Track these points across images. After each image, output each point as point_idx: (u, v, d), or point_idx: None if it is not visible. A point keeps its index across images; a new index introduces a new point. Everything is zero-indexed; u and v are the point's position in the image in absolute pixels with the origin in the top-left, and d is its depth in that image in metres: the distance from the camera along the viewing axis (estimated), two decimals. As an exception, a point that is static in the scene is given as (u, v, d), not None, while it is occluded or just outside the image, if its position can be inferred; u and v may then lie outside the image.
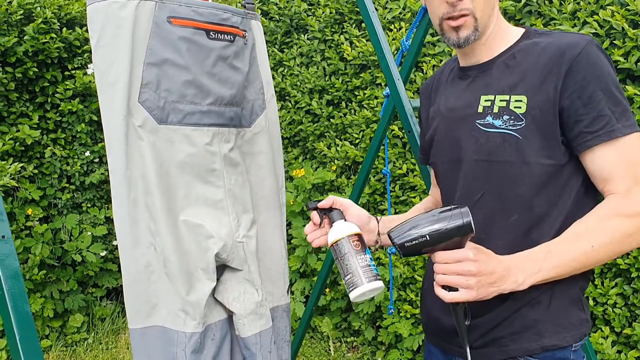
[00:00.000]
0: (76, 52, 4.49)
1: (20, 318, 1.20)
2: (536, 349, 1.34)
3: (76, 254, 4.40)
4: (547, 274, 1.25)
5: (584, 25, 3.02)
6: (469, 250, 1.23)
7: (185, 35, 1.54)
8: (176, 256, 1.52)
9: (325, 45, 4.45)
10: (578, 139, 1.29)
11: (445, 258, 1.23)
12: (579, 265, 1.26)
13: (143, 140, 1.50)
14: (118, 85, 1.47)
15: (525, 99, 1.33)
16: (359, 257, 1.38)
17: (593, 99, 1.27)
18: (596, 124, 1.27)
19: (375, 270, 1.37)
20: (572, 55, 1.29)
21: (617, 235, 1.25)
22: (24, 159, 4.33)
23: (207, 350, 1.58)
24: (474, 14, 1.38)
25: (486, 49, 1.45)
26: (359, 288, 1.34)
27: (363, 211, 1.57)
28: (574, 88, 1.28)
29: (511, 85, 1.37)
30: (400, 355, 3.89)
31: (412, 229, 1.24)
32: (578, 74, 1.28)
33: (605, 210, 1.27)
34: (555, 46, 1.33)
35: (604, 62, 1.30)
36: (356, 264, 1.37)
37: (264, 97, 1.79)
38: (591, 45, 1.30)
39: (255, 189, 1.75)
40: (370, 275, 1.35)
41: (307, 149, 4.66)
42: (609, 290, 3.04)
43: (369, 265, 1.37)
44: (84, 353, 4.33)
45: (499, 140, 1.35)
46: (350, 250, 1.38)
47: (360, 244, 1.40)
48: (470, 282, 1.21)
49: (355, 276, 1.35)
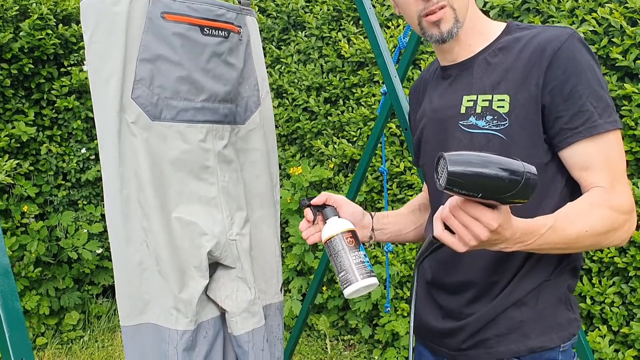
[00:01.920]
0: (72, 48, 4.48)
1: (10, 315, 1.18)
2: (523, 351, 1.32)
3: (72, 251, 4.39)
4: (533, 247, 1.18)
5: (582, 22, 3.01)
6: (494, 218, 1.05)
7: (179, 31, 1.53)
8: (169, 253, 1.51)
9: (323, 43, 4.44)
10: (559, 135, 1.26)
11: (469, 210, 1.06)
12: (565, 247, 1.21)
13: (136, 137, 1.49)
14: (111, 81, 1.46)
15: (508, 98, 1.29)
16: (353, 254, 1.36)
17: (573, 95, 1.23)
18: (576, 120, 1.23)
19: (369, 267, 1.36)
20: (553, 50, 1.25)
21: (606, 225, 1.21)
22: (20, 155, 4.32)
23: (199, 347, 1.57)
24: (451, 5, 1.33)
25: (464, 45, 1.41)
26: (353, 285, 1.33)
27: (357, 207, 1.55)
28: (554, 84, 1.24)
29: (493, 84, 1.33)
30: (397, 353, 3.89)
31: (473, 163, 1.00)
32: (558, 69, 1.24)
33: (595, 199, 1.23)
34: (536, 42, 1.29)
35: (585, 56, 1.26)
36: (350, 260, 1.35)
37: (259, 93, 1.78)
38: (572, 39, 1.26)
39: (249, 187, 1.74)
40: (363, 272, 1.34)
41: (305, 146, 4.65)
42: (607, 289, 3.03)
43: (362, 262, 1.36)
44: (79, 351, 4.31)
45: (483, 141, 1.32)
46: (344, 247, 1.37)
47: (354, 240, 1.39)
48: (470, 242, 1.09)
49: (349, 273, 1.34)
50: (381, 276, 3.93)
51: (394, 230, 1.64)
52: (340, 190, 4.29)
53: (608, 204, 1.22)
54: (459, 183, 0.99)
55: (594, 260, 3.11)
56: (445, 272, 1.43)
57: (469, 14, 1.39)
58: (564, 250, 1.24)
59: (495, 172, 0.99)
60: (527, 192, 1.01)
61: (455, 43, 1.40)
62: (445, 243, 1.13)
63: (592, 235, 1.21)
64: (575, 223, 1.20)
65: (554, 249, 1.22)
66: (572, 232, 1.20)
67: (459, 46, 1.42)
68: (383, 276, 3.91)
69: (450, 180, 0.99)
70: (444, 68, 1.49)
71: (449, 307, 1.42)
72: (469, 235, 1.08)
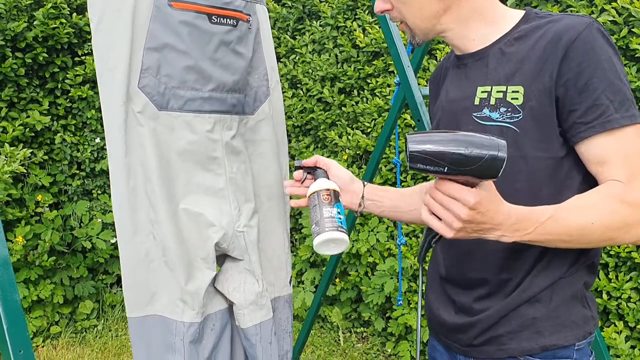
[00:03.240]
0: (86, 37, 4.48)
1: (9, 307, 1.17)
2: (535, 349, 1.29)
3: (86, 240, 4.41)
4: (535, 237, 1.16)
5: (602, 12, 2.95)
6: (471, 194, 1.08)
7: (186, 20, 1.50)
8: (176, 245, 1.50)
9: (338, 32, 4.40)
10: (572, 129, 1.21)
11: (445, 189, 1.11)
12: (570, 239, 1.18)
13: (143, 127, 1.47)
14: (117, 70, 1.44)
15: (522, 90, 1.25)
16: (325, 209, 1.41)
17: (588, 87, 1.18)
18: (590, 114, 1.18)
19: (340, 223, 1.38)
20: (569, 40, 1.20)
21: (617, 219, 1.17)
22: (34, 145, 4.34)
23: (206, 340, 1.56)
24: (405, 23, 1.39)
25: (466, 39, 1.39)
26: (319, 236, 1.37)
27: (346, 172, 1.58)
28: (569, 76, 1.19)
29: (507, 75, 1.29)
30: (410, 346, 3.87)
31: (433, 141, 1.07)
32: (573, 61, 1.19)
33: (609, 191, 1.18)
34: (553, 31, 1.24)
35: (603, 46, 1.20)
36: (321, 214, 1.40)
37: (268, 83, 1.75)
38: (590, 28, 1.20)
39: (257, 178, 1.71)
40: (331, 225, 1.37)
41: (318, 137, 4.63)
42: (623, 284, 2.99)
43: (332, 216, 1.39)
44: (93, 340, 4.34)
45: (496, 134, 1.26)
46: (320, 202, 1.42)
47: (330, 197, 1.43)
48: (454, 224, 1.11)
49: (319, 226, 1.38)
50: (395, 269, 3.91)
51: (390, 205, 1.62)
52: (354, 182, 4.26)
53: (621, 197, 1.17)
54: (421, 158, 1.07)
55: (610, 255, 3.06)
56: (459, 268, 1.41)
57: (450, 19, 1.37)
58: (571, 244, 1.20)
59: (456, 147, 1.05)
60: (493, 167, 1.05)
61: (449, 40, 1.42)
62: (432, 227, 1.16)
63: (599, 229, 1.17)
64: (579, 214, 1.17)
65: (558, 240, 1.18)
66: (574, 222, 1.16)
67: (457, 41, 1.40)
68: (396, 269, 3.89)
69: (411, 156, 1.07)
70: (458, 57, 1.45)
71: (462, 302, 1.39)
72: (450, 216, 1.11)
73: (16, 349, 1.15)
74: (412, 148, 1.07)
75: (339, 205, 1.43)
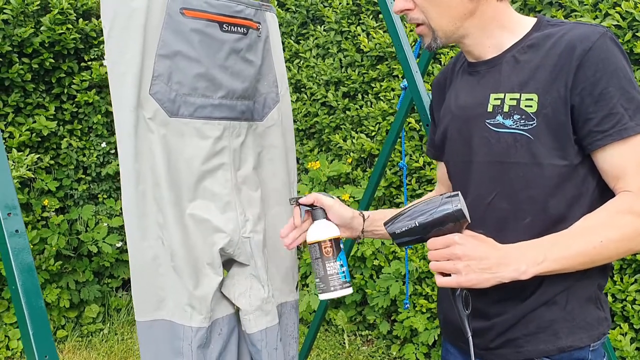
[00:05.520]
0: (92, 43, 4.50)
1: (34, 313, 1.19)
2: (552, 350, 1.31)
3: (92, 244, 4.42)
4: (552, 265, 1.20)
5: (606, 17, 2.96)
6: (455, 234, 1.22)
7: (197, 27, 1.52)
8: (183, 250, 1.51)
9: (342, 37, 4.42)
10: (588, 138, 1.24)
11: (434, 244, 1.24)
12: (586, 260, 1.21)
13: (153, 133, 1.49)
14: (129, 77, 1.45)
15: (536, 98, 1.27)
16: (328, 264, 1.42)
17: (604, 96, 1.21)
18: (607, 123, 1.21)
19: (343, 278, 1.42)
20: (584, 49, 1.22)
21: (629, 232, 1.20)
22: (41, 150, 4.35)
23: (213, 345, 1.57)
24: (428, 24, 1.37)
25: (481, 46, 1.39)
26: (325, 294, 1.42)
27: (346, 210, 1.53)
28: (584, 85, 1.22)
29: (521, 83, 1.30)
30: (416, 349, 3.87)
31: (403, 218, 1.27)
32: (589, 70, 1.21)
33: (618, 206, 1.22)
34: (566, 40, 1.26)
35: (617, 56, 1.23)
36: (325, 270, 1.42)
37: (278, 90, 1.76)
38: (604, 38, 1.23)
39: (266, 183, 1.73)
40: (336, 283, 1.41)
41: (323, 141, 4.64)
42: (629, 287, 2.99)
43: (337, 273, 1.42)
44: (99, 343, 4.35)
45: (510, 141, 1.30)
46: (322, 256, 1.42)
47: (332, 250, 1.43)
48: (457, 265, 1.20)
49: (323, 282, 1.42)
50: (400, 272, 3.92)
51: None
52: (359, 186, 4.27)
53: (631, 210, 1.20)
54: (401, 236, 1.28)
55: (616, 258, 3.06)
56: None
57: (472, 23, 1.36)
58: (589, 264, 1.23)
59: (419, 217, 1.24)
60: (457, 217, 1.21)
61: (465, 47, 1.41)
62: (448, 285, 1.24)
63: (612, 244, 1.20)
64: (587, 235, 1.21)
65: (578, 264, 1.22)
66: (584, 244, 1.20)
67: (473, 48, 1.40)
68: (402, 272, 3.89)
69: (393, 237, 1.29)
70: (471, 64, 1.45)
71: (478, 306, 1.40)
72: (449, 262, 1.22)
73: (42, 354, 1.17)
74: (390, 231, 1.29)
75: (342, 256, 1.44)
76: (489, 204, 1.35)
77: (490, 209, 1.35)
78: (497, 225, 1.33)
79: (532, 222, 1.30)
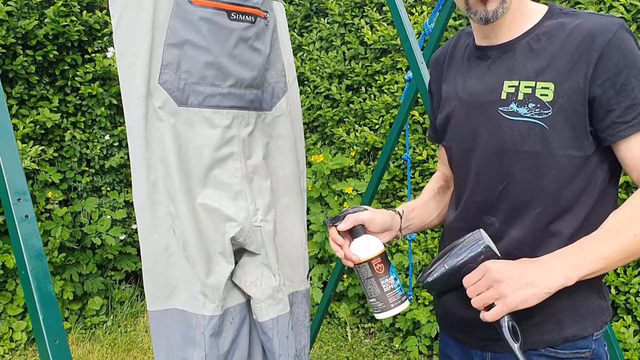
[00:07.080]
0: (96, 35, 4.49)
1: (44, 298, 1.19)
2: (557, 340, 1.32)
3: (95, 237, 4.43)
4: (592, 266, 1.17)
5: (610, 9, 2.96)
6: (486, 261, 1.21)
7: (206, 16, 1.52)
8: (195, 239, 1.51)
9: (345, 29, 4.41)
10: (610, 129, 1.23)
11: (469, 280, 1.22)
12: (624, 256, 1.19)
13: (163, 122, 1.49)
14: (138, 66, 1.46)
15: (552, 86, 1.26)
16: (383, 282, 1.36)
17: (626, 87, 1.20)
18: (629, 114, 1.21)
19: (400, 291, 1.36)
20: (604, 40, 1.21)
21: None
22: (44, 142, 4.36)
23: (225, 333, 1.57)
24: None
25: (507, 28, 1.36)
26: (385, 312, 1.36)
27: (384, 214, 1.49)
28: (607, 76, 1.21)
29: (537, 71, 1.29)
30: (418, 342, 3.88)
31: (433, 267, 1.26)
32: (610, 61, 1.21)
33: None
34: (584, 30, 1.25)
35: (635, 47, 1.23)
36: (381, 289, 1.36)
37: (286, 79, 1.77)
38: (622, 29, 1.23)
39: (275, 173, 1.73)
40: (394, 299, 1.36)
41: (326, 134, 4.64)
42: (632, 279, 3.00)
43: (393, 288, 1.36)
44: (102, 336, 4.36)
45: (523, 130, 1.29)
46: (375, 274, 1.36)
47: (383, 266, 1.36)
48: (500, 289, 1.16)
49: (381, 301, 1.35)
50: (402, 265, 3.92)
51: (418, 222, 1.61)
52: (362, 179, 4.27)
53: None
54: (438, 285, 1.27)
55: (619, 251, 3.07)
56: None
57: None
58: (628, 259, 1.21)
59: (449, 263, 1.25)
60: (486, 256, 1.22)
61: (498, 24, 1.35)
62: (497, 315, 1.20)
63: None
64: (620, 233, 1.19)
65: (614, 263, 1.20)
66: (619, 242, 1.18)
67: (502, 28, 1.36)
68: (405, 265, 3.90)
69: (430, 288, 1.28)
70: (480, 48, 1.43)
71: None
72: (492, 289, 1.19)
73: (52, 339, 1.17)
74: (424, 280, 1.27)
75: (393, 270, 1.38)
76: (500, 193, 1.34)
77: (501, 199, 1.34)
78: (507, 214, 1.33)
79: (542, 212, 1.30)
